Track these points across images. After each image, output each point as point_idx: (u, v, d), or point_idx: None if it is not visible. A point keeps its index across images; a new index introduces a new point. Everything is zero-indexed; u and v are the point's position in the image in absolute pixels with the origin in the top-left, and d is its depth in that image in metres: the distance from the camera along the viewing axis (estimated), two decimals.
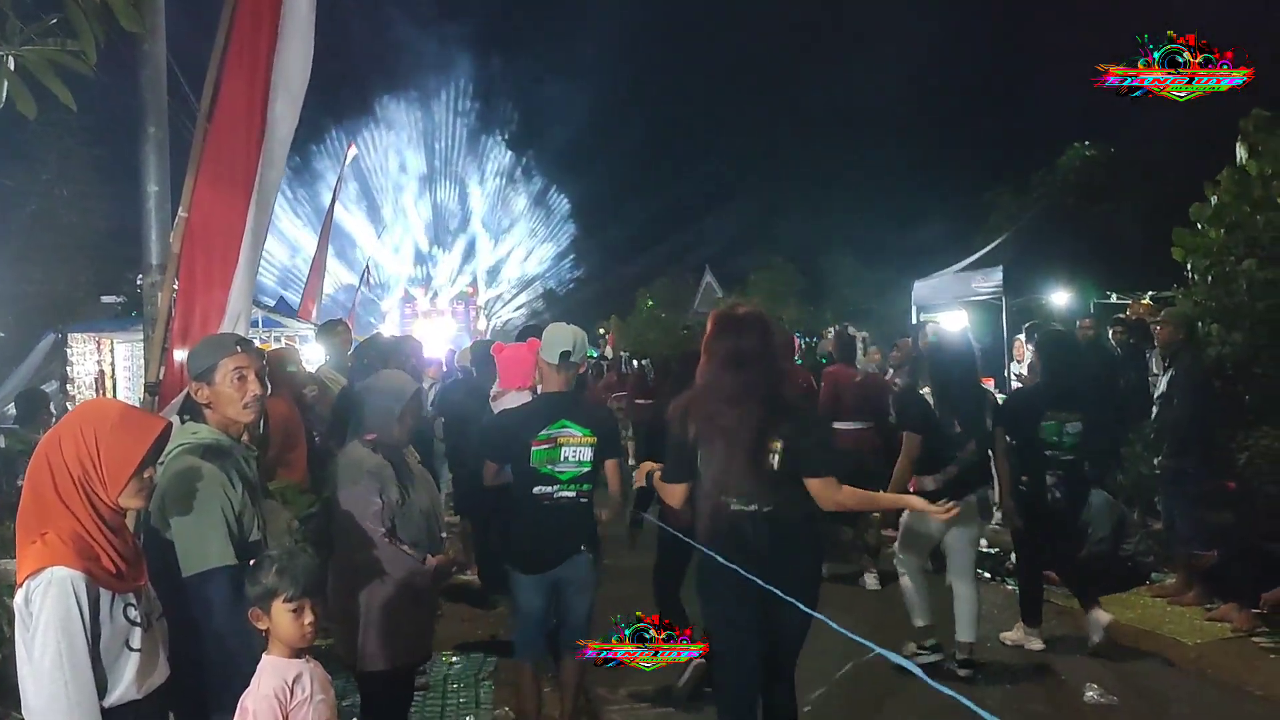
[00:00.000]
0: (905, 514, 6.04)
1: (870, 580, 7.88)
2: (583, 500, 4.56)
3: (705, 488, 3.74)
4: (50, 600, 2.27)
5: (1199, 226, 7.78)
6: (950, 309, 12.92)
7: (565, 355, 4.57)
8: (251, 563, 2.73)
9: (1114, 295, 11.64)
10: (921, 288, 13.69)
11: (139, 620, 2.45)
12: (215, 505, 2.85)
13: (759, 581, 3.44)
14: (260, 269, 4.67)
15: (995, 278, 11.53)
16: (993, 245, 13.41)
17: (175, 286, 4.27)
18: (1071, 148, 19.63)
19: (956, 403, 5.77)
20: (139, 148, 4.45)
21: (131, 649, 2.42)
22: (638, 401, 14.10)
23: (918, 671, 2.51)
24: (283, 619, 2.65)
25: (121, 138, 4.83)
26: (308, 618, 2.68)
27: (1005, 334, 11.43)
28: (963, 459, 5.69)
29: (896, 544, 6.18)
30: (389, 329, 30.76)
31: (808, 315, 24.94)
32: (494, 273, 50.71)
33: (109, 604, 2.37)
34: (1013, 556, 7.89)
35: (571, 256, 51.59)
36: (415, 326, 32.99)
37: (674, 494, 3.87)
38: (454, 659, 6.17)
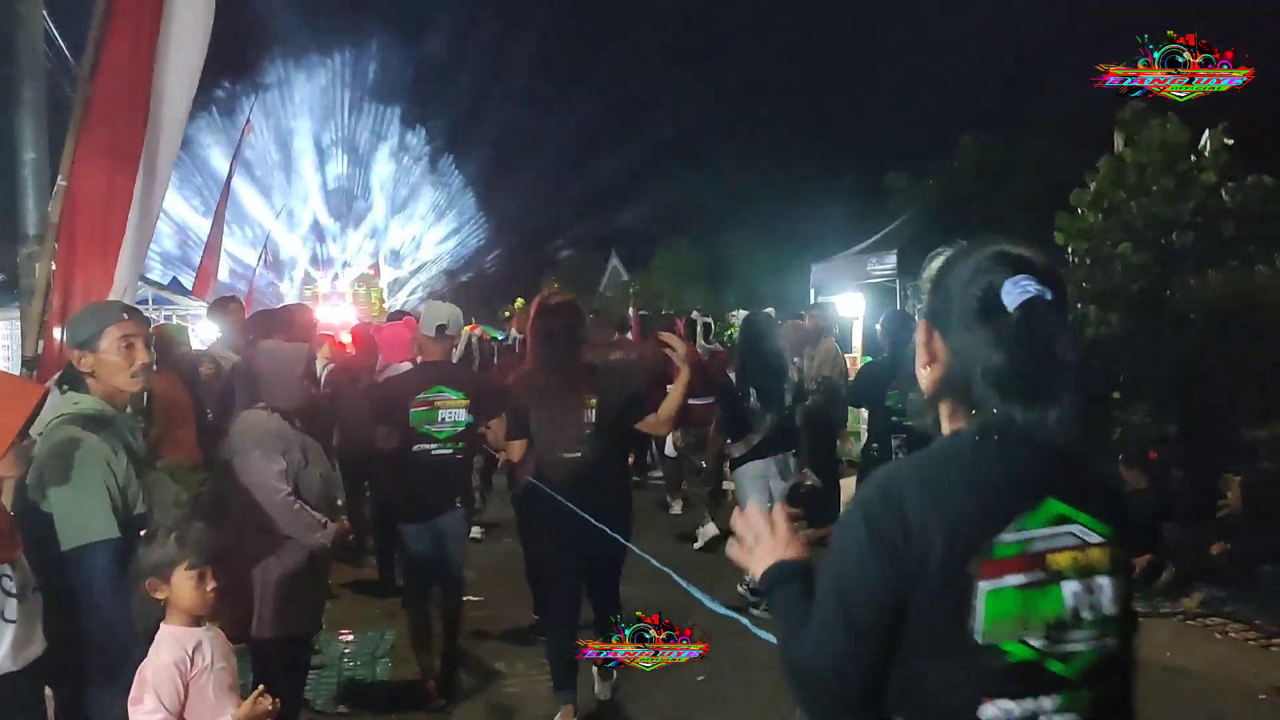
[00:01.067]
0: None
1: (708, 530, 8.28)
2: (458, 457, 5.17)
3: (538, 442, 4.67)
4: None
5: (1079, 212, 8.11)
6: (847, 291, 13.22)
7: (441, 329, 5.19)
8: (142, 533, 2.68)
9: None
10: (819, 270, 13.97)
11: (13, 591, 2.40)
12: (97, 477, 2.80)
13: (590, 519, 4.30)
14: (153, 245, 4.56)
15: (890, 260, 11.84)
16: (889, 229, 13.74)
17: (55, 257, 4.14)
18: (967, 135, 20.17)
19: (756, 378, 6.38)
20: (14, 113, 4.30)
21: (7, 620, 2.38)
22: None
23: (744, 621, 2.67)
24: (184, 587, 2.64)
25: None
26: (209, 585, 2.67)
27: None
28: (763, 427, 6.33)
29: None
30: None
31: (710, 297, 25.17)
32: (397, 255, 49.97)
33: None
34: None
35: (477, 239, 51.15)
36: (316, 308, 32.29)
37: (514, 449, 4.77)
38: (350, 638, 6.13)
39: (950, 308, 1.64)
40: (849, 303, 13.17)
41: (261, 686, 2.70)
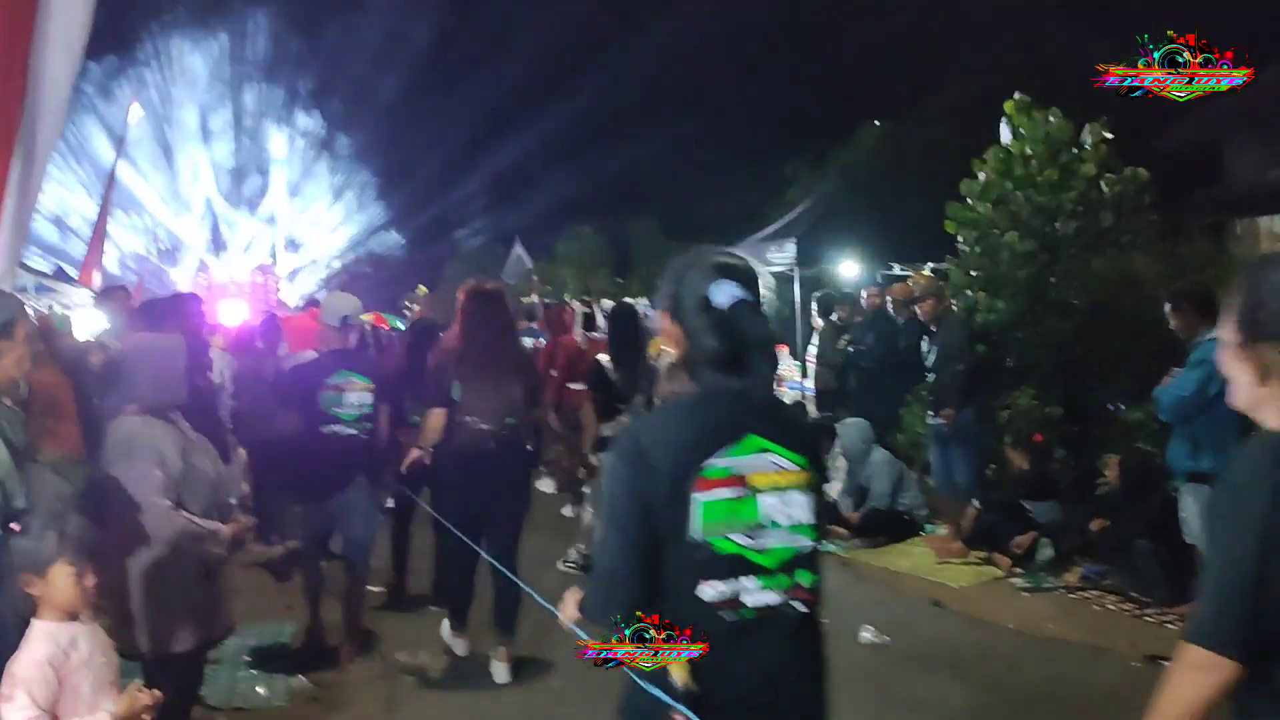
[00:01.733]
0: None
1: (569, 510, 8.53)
2: (363, 437, 5.53)
3: (460, 411, 5.17)
4: None
5: (969, 201, 8.37)
6: None
7: (345, 320, 5.61)
8: (15, 527, 2.60)
9: (897, 266, 12.35)
10: None
11: None
12: None
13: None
14: (34, 233, 4.39)
15: (789, 249, 12.05)
16: (788, 218, 13.96)
17: None
18: (863, 125, 20.58)
19: (622, 364, 6.77)
20: None
21: None
22: None
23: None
24: (63, 582, 2.57)
25: None
26: (89, 580, 2.60)
27: (798, 303, 11.94)
28: (631, 410, 6.61)
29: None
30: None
31: (615, 286, 25.25)
32: (296, 243, 48.82)
33: None
34: None
35: (377, 227, 50.29)
36: (211, 298, 31.45)
37: (435, 416, 5.26)
38: (247, 631, 6.00)
39: (683, 304, 2.18)
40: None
41: (139, 681, 2.64)
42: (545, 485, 9.62)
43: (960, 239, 8.50)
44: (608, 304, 11.61)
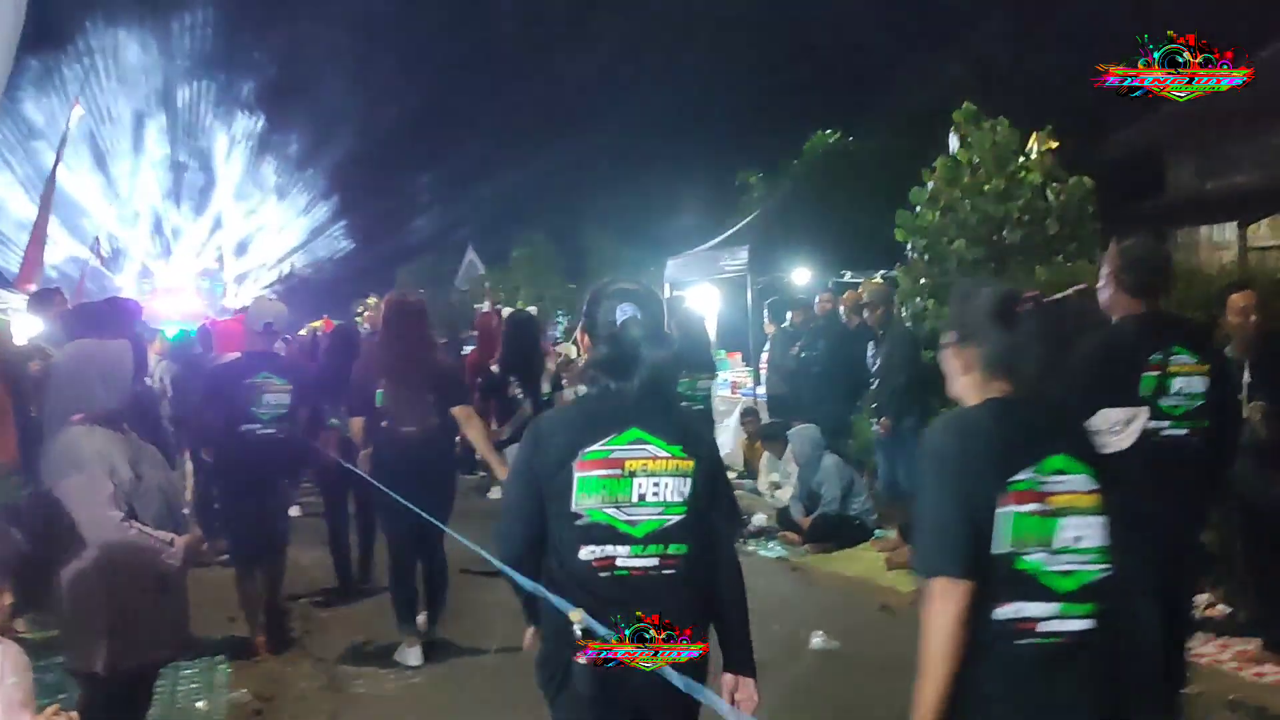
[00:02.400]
0: None
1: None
2: (280, 436, 5.83)
3: (384, 418, 5.58)
4: None
5: (918, 210, 8.45)
6: (700, 285, 13.41)
7: (268, 325, 6.02)
8: None
9: (848, 274, 12.42)
10: (674, 265, 14.13)
11: None
12: None
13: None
14: None
15: (742, 256, 12.07)
16: (740, 225, 14.01)
17: None
18: (816, 134, 20.70)
19: (517, 369, 7.19)
20: None
21: None
22: None
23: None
24: None
25: None
26: (6, 599, 2.48)
27: (750, 309, 11.96)
28: (520, 416, 7.05)
29: None
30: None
31: (568, 293, 25.16)
32: (243, 247, 48.11)
33: None
34: (754, 518, 8.37)
35: (327, 231, 49.73)
36: (156, 303, 30.89)
37: (355, 425, 5.85)
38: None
39: (594, 319, 2.69)
40: (702, 296, 13.36)
41: (56, 705, 2.53)
42: (495, 493, 9.53)
43: (909, 247, 8.57)
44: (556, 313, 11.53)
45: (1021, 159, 8.16)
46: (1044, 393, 2.38)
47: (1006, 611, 2.21)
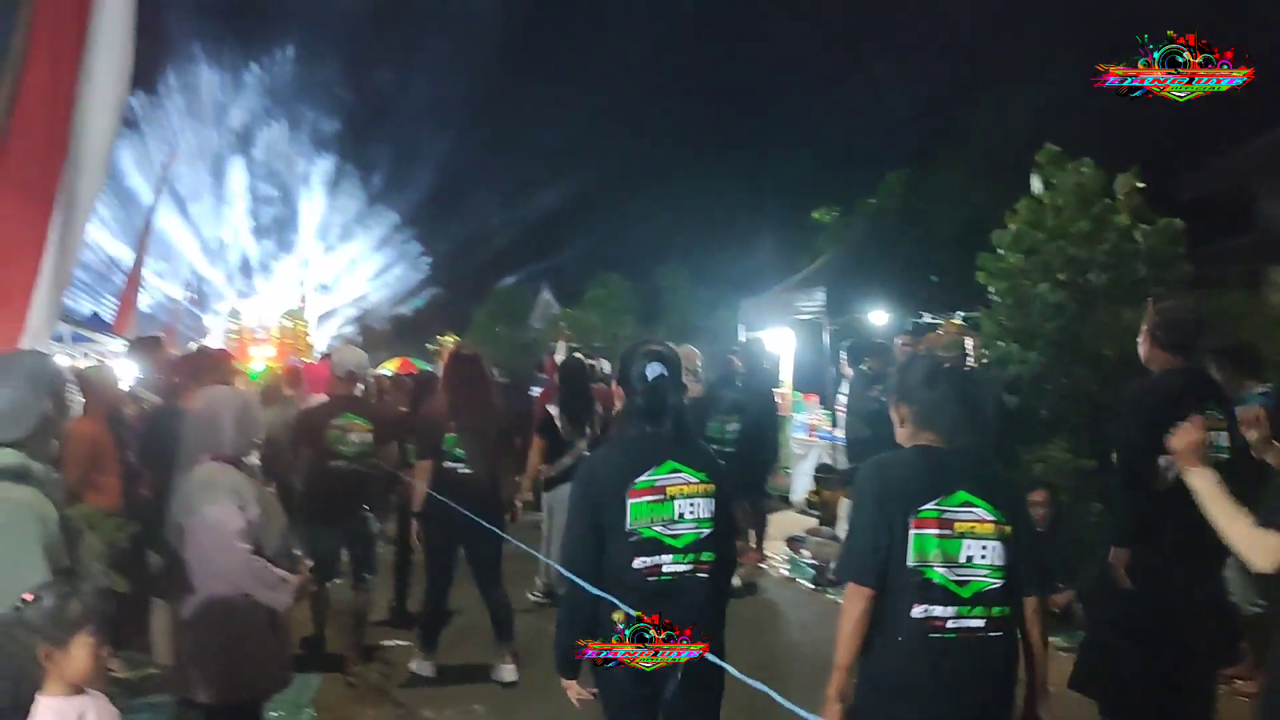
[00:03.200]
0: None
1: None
2: (364, 471, 6.35)
3: (447, 458, 6.02)
4: None
5: (1000, 252, 8.33)
6: (776, 327, 13.36)
7: (350, 372, 6.58)
8: (27, 596, 2.50)
9: (927, 315, 12.27)
10: (748, 305, 14.11)
11: None
12: (33, 536, 2.69)
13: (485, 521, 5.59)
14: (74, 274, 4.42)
15: (818, 297, 11.99)
16: (816, 266, 13.94)
17: None
18: (891, 173, 20.56)
19: (570, 411, 7.58)
20: None
21: None
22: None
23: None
24: (82, 654, 2.48)
25: None
26: (104, 651, 2.54)
27: (827, 351, 11.87)
28: (569, 456, 7.49)
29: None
30: (212, 345, 29.44)
31: (642, 331, 25.24)
32: (325, 287, 49.22)
33: None
34: (832, 565, 8.27)
35: (408, 271, 50.67)
36: (241, 342, 31.78)
37: (422, 467, 6.12)
38: None
39: (628, 375, 3.41)
40: (778, 338, 13.31)
41: None
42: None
43: (991, 289, 8.45)
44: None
45: (1107, 200, 7.99)
46: (961, 441, 3.00)
47: (919, 611, 2.85)
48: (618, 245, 35.79)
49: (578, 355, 9.65)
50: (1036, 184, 8.29)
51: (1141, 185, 8.09)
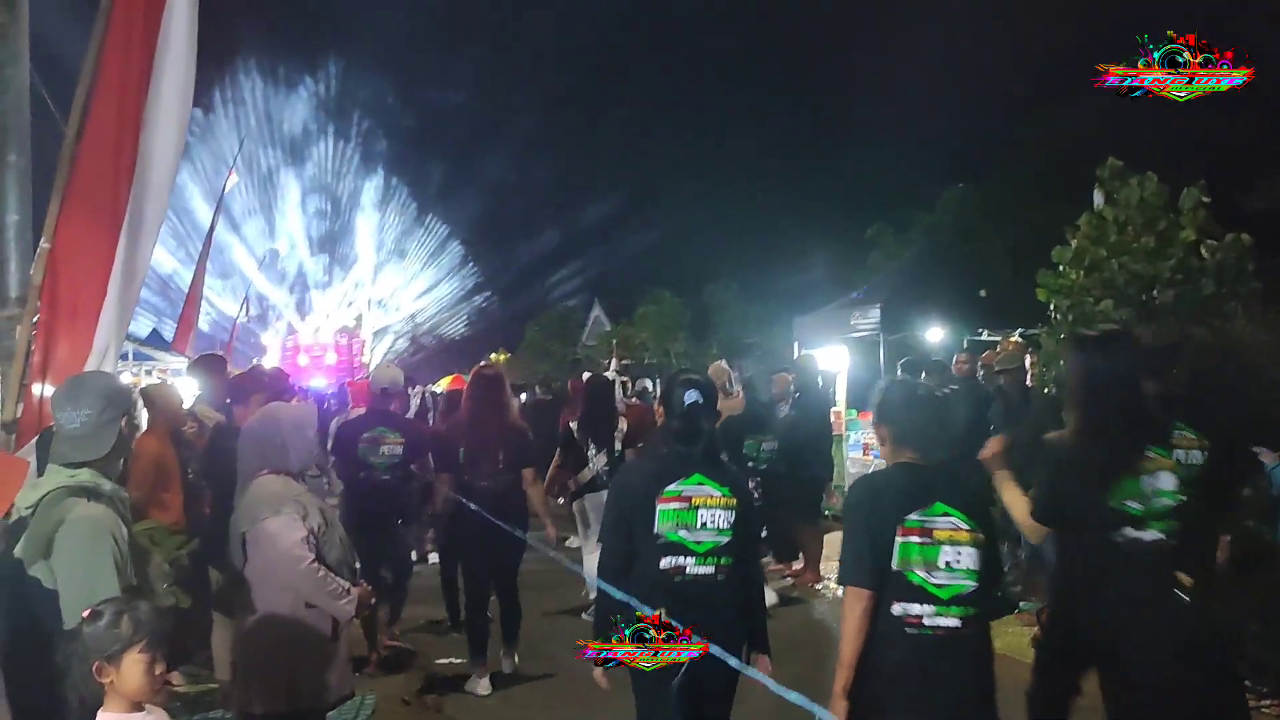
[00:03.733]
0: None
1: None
2: (392, 481, 6.73)
3: (464, 473, 6.41)
4: None
5: (1060, 268, 8.17)
6: (830, 344, 13.25)
7: (384, 388, 7.03)
8: (86, 613, 2.53)
9: (985, 332, 12.10)
10: (803, 323, 14.01)
11: None
12: (107, 553, 2.76)
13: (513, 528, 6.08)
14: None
15: (873, 315, 11.88)
16: (871, 283, 13.82)
17: (35, 319, 4.10)
18: (947, 189, 20.38)
19: (593, 428, 7.84)
20: None
21: None
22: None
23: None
24: (135, 671, 2.50)
25: None
26: (159, 668, 2.56)
27: (882, 369, 11.74)
28: (589, 470, 7.80)
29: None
30: (269, 362, 29.94)
31: (694, 348, 25.20)
32: (379, 304, 49.83)
33: None
34: None
35: (461, 288, 51.15)
36: (298, 359, 32.25)
37: (441, 480, 6.67)
38: None
39: (669, 400, 3.91)
40: (833, 356, 13.20)
41: None
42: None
43: (1052, 307, 8.29)
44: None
45: (1172, 215, 7.81)
46: (936, 458, 3.37)
47: (899, 609, 3.20)
48: (669, 262, 35.86)
49: (605, 374, 10.40)
50: (1098, 199, 8.13)
51: (1207, 199, 7.90)
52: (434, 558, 9.06)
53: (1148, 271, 7.69)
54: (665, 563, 3.68)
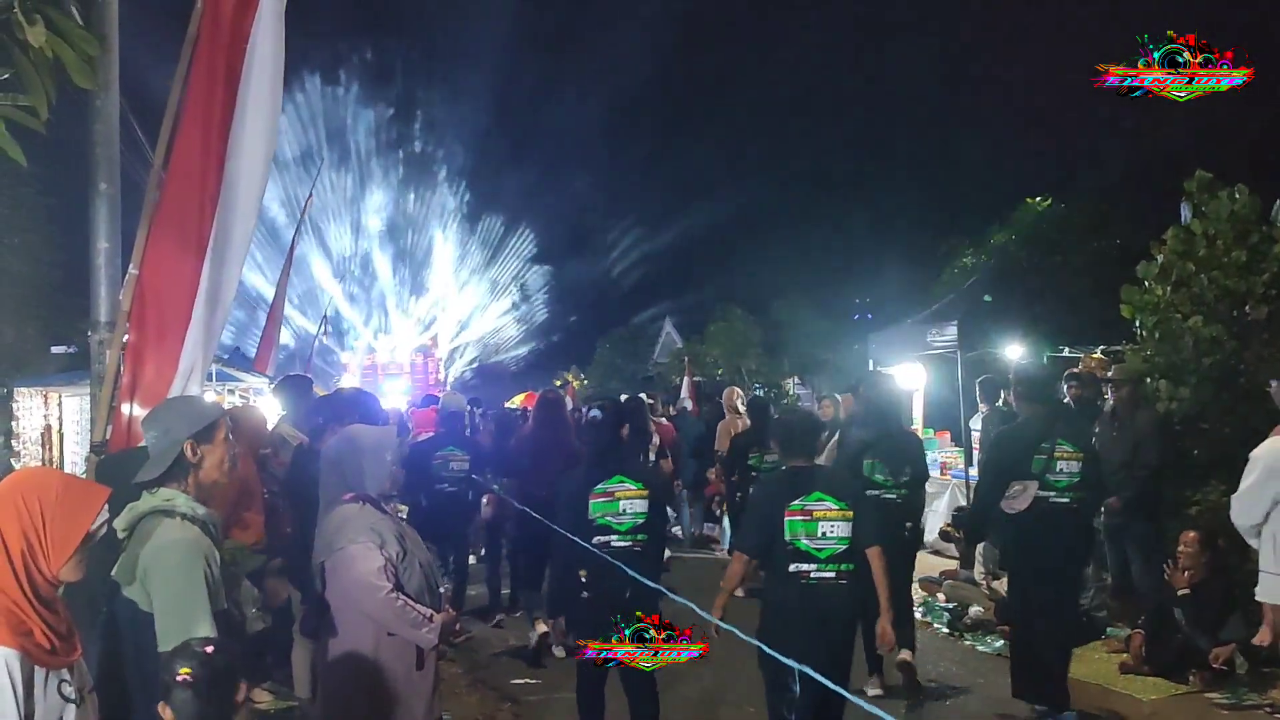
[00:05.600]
0: None
1: None
2: (462, 493, 8.27)
3: (526, 484, 7.52)
4: None
5: (1146, 284, 7.94)
6: (906, 361, 13.03)
7: (452, 413, 8.90)
8: (173, 648, 2.55)
9: (1066, 349, 11.79)
10: (877, 340, 13.81)
11: (73, 697, 2.36)
12: (200, 577, 2.79)
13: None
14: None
15: (950, 331, 11.64)
16: (948, 298, 13.57)
17: (124, 343, 4.21)
18: (1025, 202, 19.96)
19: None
20: (90, 203, 4.40)
21: None
22: None
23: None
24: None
25: (74, 188, 4.77)
26: (250, 690, 2.58)
27: (960, 387, 11.50)
28: None
29: None
30: (348, 381, 30.48)
31: (766, 366, 25.00)
32: (455, 324, 50.46)
33: (43, 681, 2.29)
34: (971, 610, 7.96)
35: (536, 308, 51.58)
36: (376, 379, 32.76)
37: (505, 486, 7.96)
38: None
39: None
40: (909, 373, 12.97)
41: None
42: None
43: (1137, 323, 8.06)
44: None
45: (1265, 228, 7.54)
46: (812, 460, 4.89)
47: (793, 568, 4.54)
48: (740, 279, 35.71)
49: (640, 395, 11.84)
50: (1186, 212, 7.89)
51: None
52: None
53: (1239, 287, 7.44)
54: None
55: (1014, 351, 11.81)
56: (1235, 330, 7.46)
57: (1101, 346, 10.64)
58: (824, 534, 4.52)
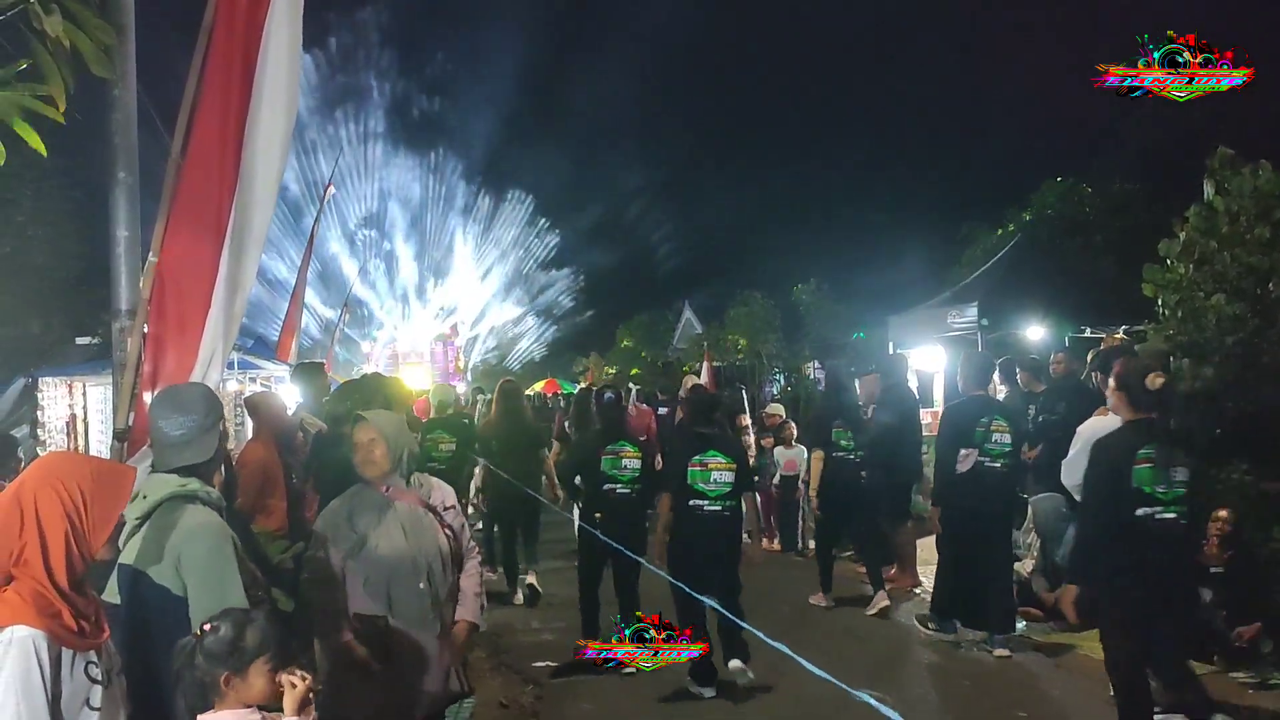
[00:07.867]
0: None
1: None
2: (449, 475, 7.68)
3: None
4: (10, 660, 2.21)
5: (1168, 262, 7.87)
6: (927, 344, 12.98)
7: (443, 404, 9.47)
8: (206, 626, 2.59)
9: (1088, 329, 11.72)
10: (897, 322, 13.76)
11: (100, 678, 2.39)
12: (231, 559, 2.85)
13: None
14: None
15: (971, 313, 11.59)
16: (968, 280, 13.50)
17: (145, 331, 4.23)
18: (1046, 182, 19.82)
19: (577, 426, 9.17)
20: (109, 193, 4.42)
21: (92, 708, 2.36)
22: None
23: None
24: (259, 681, 2.56)
25: (96, 180, 4.80)
26: (279, 675, 2.61)
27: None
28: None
29: None
30: (370, 370, 30.61)
31: (785, 350, 24.97)
32: (474, 312, 50.56)
33: (70, 662, 2.32)
34: None
35: (556, 296, 51.62)
36: (396, 368, 32.90)
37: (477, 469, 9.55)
38: None
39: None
40: (929, 356, 12.93)
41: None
42: None
43: (1159, 302, 7.99)
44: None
45: None
46: (712, 426, 6.55)
47: (692, 504, 6.22)
48: (760, 264, 35.61)
49: (629, 385, 11.95)
50: (1208, 189, 7.81)
51: None
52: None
53: (1262, 264, 7.36)
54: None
55: (1035, 332, 11.76)
56: (1259, 308, 7.39)
57: (1124, 326, 10.58)
58: (715, 480, 6.25)
